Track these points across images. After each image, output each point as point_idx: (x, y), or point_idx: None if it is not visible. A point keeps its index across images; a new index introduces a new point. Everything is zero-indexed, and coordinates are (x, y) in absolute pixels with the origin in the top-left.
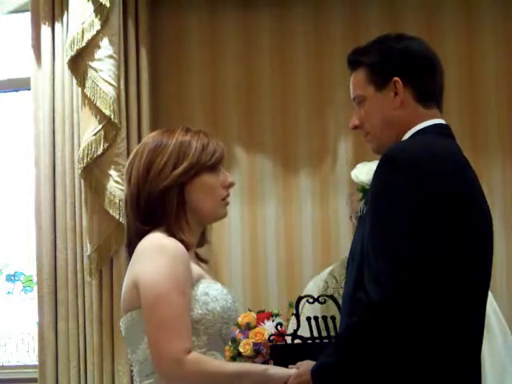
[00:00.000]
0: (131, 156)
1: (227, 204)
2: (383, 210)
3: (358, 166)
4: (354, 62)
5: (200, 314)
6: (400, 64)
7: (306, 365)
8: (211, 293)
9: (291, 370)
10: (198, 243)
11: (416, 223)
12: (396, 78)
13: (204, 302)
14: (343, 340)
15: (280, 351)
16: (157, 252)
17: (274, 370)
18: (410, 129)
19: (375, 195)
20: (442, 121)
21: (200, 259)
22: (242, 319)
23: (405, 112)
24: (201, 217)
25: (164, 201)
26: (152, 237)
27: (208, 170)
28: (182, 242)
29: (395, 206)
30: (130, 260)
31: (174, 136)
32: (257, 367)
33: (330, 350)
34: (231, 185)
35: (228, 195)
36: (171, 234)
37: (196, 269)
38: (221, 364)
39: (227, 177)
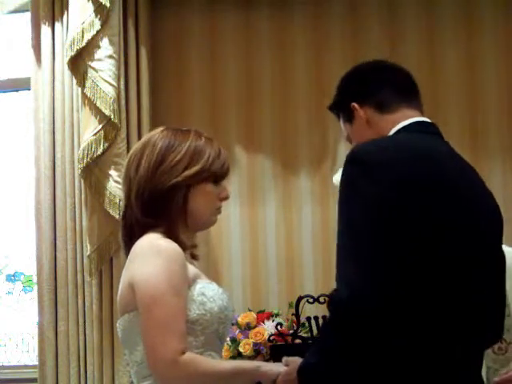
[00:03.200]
0: (140, 146)
1: (219, 213)
2: (346, 209)
3: (339, 170)
4: (333, 113)
5: (197, 315)
6: (351, 89)
7: (295, 363)
8: (208, 293)
9: (281, 368)
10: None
11: (376, 219)
12: (352, 104)
13: (201, 303)
14: (319, 340)
15: (280, 351)
16: (153, 253)
17: (266, 367)
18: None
19: (339, 194)
20: (418, 118)
21: (193, 256)
22: (242, 319)
23: (375, 127)
24: (195, 221)
25: (169, 197)
26: (148, 237)
27: (214, 178)
28: (180, 242)
29: (355, 203)
30: (126, 253)
31: (189, 137)
32: (249, 364)
33: (311, 350)
34: (226, 198)
35: (221, 206)
36: (171, 233)
37: (192, 269)
38: (215, 364)
39: (225, 190)
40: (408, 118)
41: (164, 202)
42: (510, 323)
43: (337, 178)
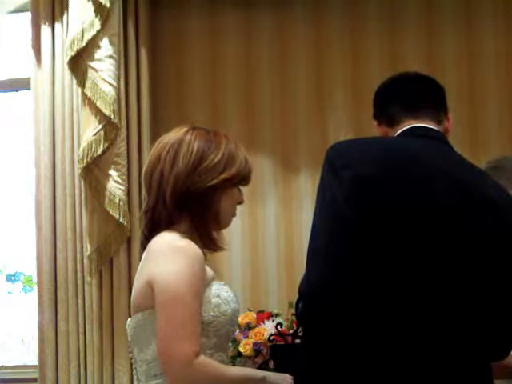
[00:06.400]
0: (171, 143)
1: (235, 216)
2: (316, 202)
3: None
4: None
5: (212, 317)
6: (373, 109)
7: None
8: (223, 295)
9: (287, 376)
10: None
11: (331, 215)
12: (374, 122)
13: (216, 305)
14: None
15: (280, 351)
16: (174, 253)
17: (272, 377)
18: None
19: None
20: (415, 124)
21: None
22: (242, 319)
23: None
24: (218, 223)
25: (206, 197)
26: (166, 236)
27: (240, 183)
28: (213, 240)
29: (319, 200)
30: (143, 248)
31: (222, 140)
32: (257, 373)
33: None
34: (242, 202)
35: (236, 209)
36: (205, 229)
37: (209, 270)
38: (226, 369)
39: (242, 194)
40: (406, 126)
41: (200, 201)
42: None
43: None
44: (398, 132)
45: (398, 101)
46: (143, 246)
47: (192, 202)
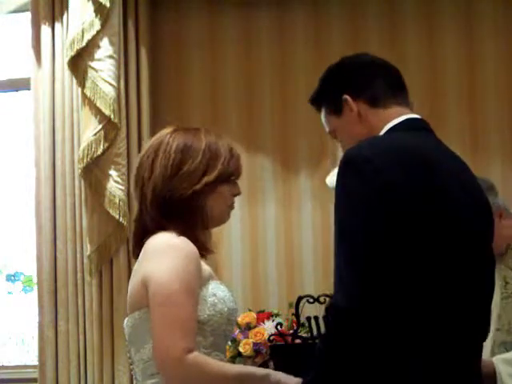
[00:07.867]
0: (152, 146)
1: (233, 209)
2: (341, 213)
3: (332, 172)
4: (314, 104)
5: (208, 315)
6: (342, 81)
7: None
8: (219, 294)
9: (292, 379)
10: None
11: (368, 224)
12: (345, 96)
13: (212, 304)
14: (318, 352)
15: (280, 351)
16: (169, 251)
17: (276, 376)
18: (378, 133)
19: (336, 197)
20: (409, 115)
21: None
22: (242, 319)
23: (366, 122)
24: (211, 221)
25: (191, 204)
26: (162, 236)
27: (228, 179)
28: (200, 243)
29: (349, 208)
30: (135, 255)
31: (202, 138)
32: (257, 371)
33: (315, 362)
34: (239, 194)
35: (234, 202)
36: (190, 235)
37: (206, 269)
38: (222, 366)
39: (237, 186)
40: (400, 115)
41: (185, 207)
42: None
43: (330, 179)
44: (393, 123)
45: (383, 80)
46: (135, 254)
47: (175, 209)
